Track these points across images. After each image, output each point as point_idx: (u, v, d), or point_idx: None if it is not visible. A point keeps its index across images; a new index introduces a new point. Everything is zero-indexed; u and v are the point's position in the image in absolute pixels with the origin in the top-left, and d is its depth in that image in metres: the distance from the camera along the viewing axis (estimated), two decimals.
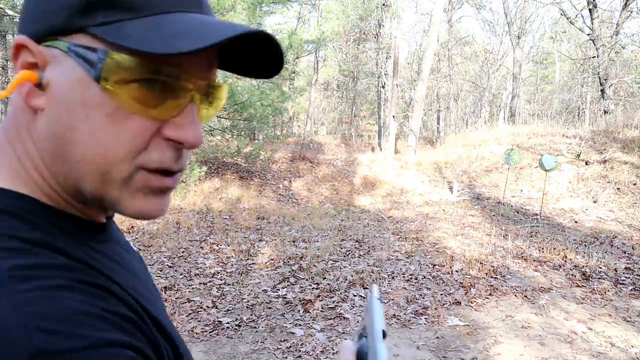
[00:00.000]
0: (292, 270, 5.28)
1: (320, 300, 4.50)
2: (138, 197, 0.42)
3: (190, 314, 4.23)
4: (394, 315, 4.27)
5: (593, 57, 16.25)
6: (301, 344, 3.69)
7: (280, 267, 5.43)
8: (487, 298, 4.73)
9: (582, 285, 5.09)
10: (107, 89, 0.39)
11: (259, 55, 0.46)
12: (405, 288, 4.87)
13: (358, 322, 4.12)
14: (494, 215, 8.67)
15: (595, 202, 9.16)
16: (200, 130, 0.43)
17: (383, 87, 19.88)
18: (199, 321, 4.09)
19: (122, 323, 0.37)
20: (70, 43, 0.39)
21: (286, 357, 3.49)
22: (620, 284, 5.10)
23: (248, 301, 4.52)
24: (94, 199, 0.42)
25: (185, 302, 4.44)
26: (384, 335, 0.57)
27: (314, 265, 5.35)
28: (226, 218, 7.74)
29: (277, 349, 3.62)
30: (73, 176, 0.41)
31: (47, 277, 0.35)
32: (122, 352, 0.34)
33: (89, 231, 0.45)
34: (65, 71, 0.39)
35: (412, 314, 4.32)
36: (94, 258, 0.43)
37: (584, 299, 4.75)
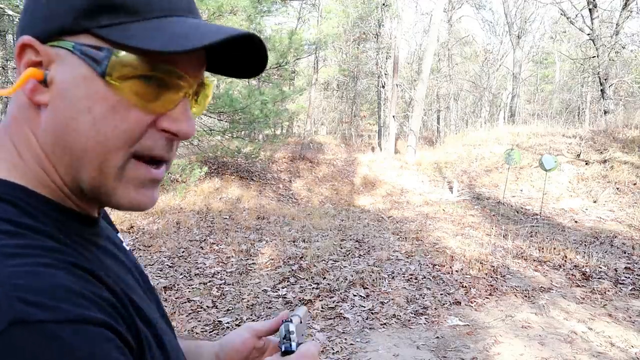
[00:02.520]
0: (292, 270, 5.28)
1: (320, 300, 4.50)
2: (130, 188, 0.46)
3: (190, 313, 4.23)
4: (394, 315, 4.28)
5: (593, 57, 16.25)
6: None
7: (280, 267, 5.43)
8: (487, 298, 4.73)
9: (582, 285, 5.09)
10: (111, 84, 0.43)
11: (244, 56, 0.50)
12: (405, 288, 4.87)
13: (358, 321, 4.12)
14: (494, 215, 8.68)
15: (595, 202, 9.17)
16: (194, 123, 0.48)
17: (383, 87, 19.88)
18: (199, 321, 4.09)
19: (104, 305, 0.39)
20: (75, 42, 0.43)
21: None
22: (620, 284, 5.11)
23: (248, 301, 4.52)
24: (92, 189, 0.45)
25: (185, 302, 4.44)
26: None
27: (314, 265, 5.35)
28: (226, 218, 7.74)
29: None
30: (74, 166, 0.44)
31: (34, 255, 0.37)
32: (99, 331, 0.36)
33: (80, 223, 0.48)
34: (69, 68, 0.43)
35: (412, 314, 4.32)
36: (82, 246, 0.46)
37: (584, 298, 4.75)
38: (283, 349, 0.71)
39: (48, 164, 0.45)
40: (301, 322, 0.77)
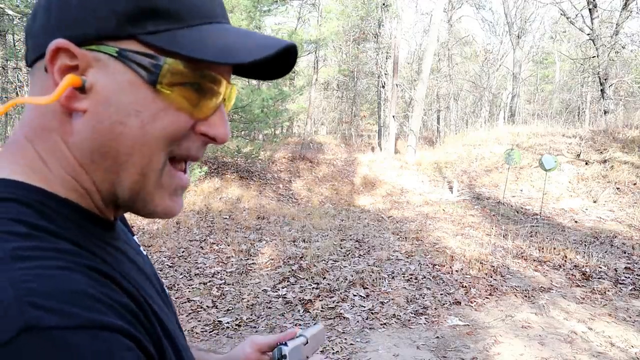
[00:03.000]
0: (292, 270, 5.28)
1: (320, 300, 4.50)
2: (165, 196, 0.47)
3: (190, 313, 4.23)
4: (394, 315, 4.28)
5: (593, 57, 16.25)
6: None
7: (280, 267, 5.43)
8: (487, 298, 4.73)
9: (582, 285, 5.10)
10: (161, 91, 0.43)
11: (273, 61, 0.49)
12: (405, 288, 4.87)
13: (358, 321, 4.12)
14: (494, 215, 8.68)
15: (595, 202, 9.17)
16: (229, 127, 0.49)
17: (383, 87, 19.87)
18: (199, 321, 4.10)
19: (122, 311, 0.37)
20: (120, 49, 0.42)
21: None
22: (620, 283, 5.11)
23: (248, 301, 4.52)
24: (131, 195, 0.45)
25: (185, 302, 4.45)
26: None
27: (314, 265, 5.36)
28: (226, 218, 7.74)
29: None
30: (116, 170, 0.44)
31: (49, 258, 0.36)
32: (116, 337, 0.34)
33: (100, 227, 0.47)
34: (113, 74, 0.42)
35: (412, 313, 4.32)
36: (103, 250, 0.45)
37: (584, 298, 4.75)
38: None
39: (80, 171, 0.44)
40: (307, 343, 0.75)
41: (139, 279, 0.48)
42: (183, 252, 5.86)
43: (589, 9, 15.52)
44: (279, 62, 0.50)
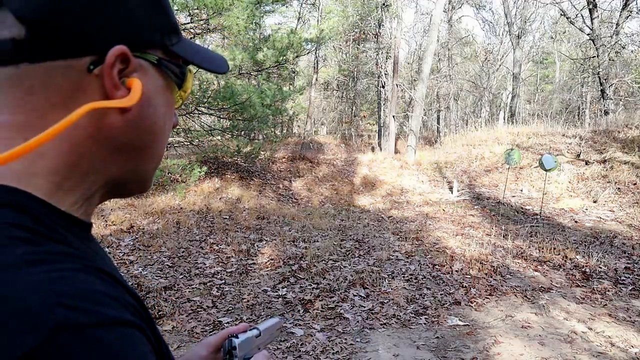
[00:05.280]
0: (292, 270, 5.28)
1: (320, 300, 4.49)
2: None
3: (190, 313, 4.23)
4: (394, 315, 4.27)
5: (593, 57, 16.25)
6: (301, 344, 3.69)
7: (280, 267, 5.43)
8: (487, 298, 4.73)
9: (582, 285, 5.09)
10: (177, 93, 0.52)
11: None
12: (405, 288, 4.87)
13: (358, 321, 4.12)
14: (494, 215, 8.67)
15: (595, 202, 9.16)
16: None
17: (383, 87, 19.87)
18: (199, 321, 4.09)
19: (131, 309, 0.40)
20: (159, 57, 0.48)
21: (286, 357, 3.50)
22: (620, 283, 5.11)
23: (248, 301, 4.52)
24: (143, 177, 0.52)
25: (185, 302, 4.44)
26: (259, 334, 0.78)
27: (314, 265, 5.35)
28: (226, 218, 7.74)
29: (277, 349, 3.62)
30: (140, 160, 0.50)
31: (60, 261, 0.38)
32: (133, 332, 0.38)
33: (81, 230, 0.47)
34: (151, 79, 0.48)
35: (412, 314, 4.32)
36: (89, 252, 0.46)
37: (584, 298, 4.75)
38: None
39: (98, 163, 0.46)
40: (260, 335, 0.77)
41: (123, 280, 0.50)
42: (183, 252, 5.85)
43: (589, 9, 15.52)
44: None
